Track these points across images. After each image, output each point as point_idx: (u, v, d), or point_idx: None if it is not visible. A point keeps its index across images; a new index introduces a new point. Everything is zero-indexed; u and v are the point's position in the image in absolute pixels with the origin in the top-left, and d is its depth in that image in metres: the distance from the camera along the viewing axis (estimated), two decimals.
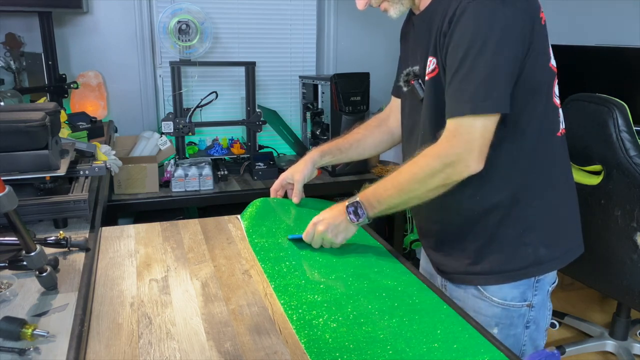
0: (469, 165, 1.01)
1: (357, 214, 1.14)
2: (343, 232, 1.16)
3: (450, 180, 1.04)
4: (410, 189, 1.08)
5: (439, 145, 1.05)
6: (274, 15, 2.78)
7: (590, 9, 3.29)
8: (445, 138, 1.04)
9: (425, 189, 1.07)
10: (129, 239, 1.25)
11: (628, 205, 1.81)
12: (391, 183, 1.11)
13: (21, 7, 2.13)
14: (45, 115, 1.24)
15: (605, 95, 1.90)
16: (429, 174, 1.05)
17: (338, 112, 2.40)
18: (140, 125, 2.64)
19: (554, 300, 1.23)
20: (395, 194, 1.10)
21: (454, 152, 1.02)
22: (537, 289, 1.17)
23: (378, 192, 1.13)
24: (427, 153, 1.06)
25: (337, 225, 1.15)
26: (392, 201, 1.11)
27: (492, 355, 0.83)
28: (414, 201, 1.11)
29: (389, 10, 1.16)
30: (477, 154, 1.01)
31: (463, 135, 1.01)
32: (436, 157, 1.04)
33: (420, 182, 1.06)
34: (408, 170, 1.08)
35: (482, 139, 1.01)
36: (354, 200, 1.15)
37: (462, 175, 1.03)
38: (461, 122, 1.01)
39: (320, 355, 0.82)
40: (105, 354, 0.81)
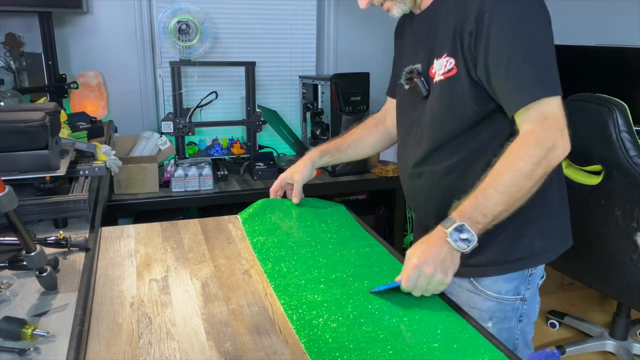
0: (565, 146, 1.00)
1: (465, 239, 0.99)
2: (452, 266, 0.99)
3: (551, 167, 1.00)
4: (519, 188, 1.00)
5: (533, 134, 1.00)
6: (274, 15, 2.78)
7: (590, 9, 3.29)
8: (536, 124, 1.00)
9: (532, 183, 1.00)
10: (129, 239, 1.25)
11: (628, 205, 1.81)
12: (493, 189, 1.00)
13: (21, 7, 2.13)
14: (45, 115, 1.24)
15: (605, 95, 1.90)
16: (535, 164, 0.98)
17: (338, 112, 2.40)
18: (140, 125, 2.64)
19: (554, 300, 1.24)
20: (502, 199, 1.00)
21: (552, 134, 0.99)
22: (529, 282, 1.19)
23: (479, 203, 1.00)
24: (521, 144, 1.00)
25: (443, 261, 0.98)
26: (497, 209, 1.00)
27: (492, 355, 0.83)
28: (519, 202, 1.02)
29: (391, 10, 1.17)
30: (566, 134, 1.00)
31: (552, 117, 1.00)
32: (537, 143, 0.99)
33: (527, 176, 0.99)
34: (510, 168, 1.00)
35: (564, 118, 1.01)
36: (455, 225, 0.99)
37: (559, 159, 1.00)
38: (544, 105, 1.00)
39: (320, 355, 0.82)
40: (105, 354, 0.81)
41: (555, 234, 1.21)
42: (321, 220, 1.39)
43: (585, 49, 2.87)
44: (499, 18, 1.00)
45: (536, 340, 2.51)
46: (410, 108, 1.23)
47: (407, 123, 1.26)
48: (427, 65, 1.15)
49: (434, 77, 1.13)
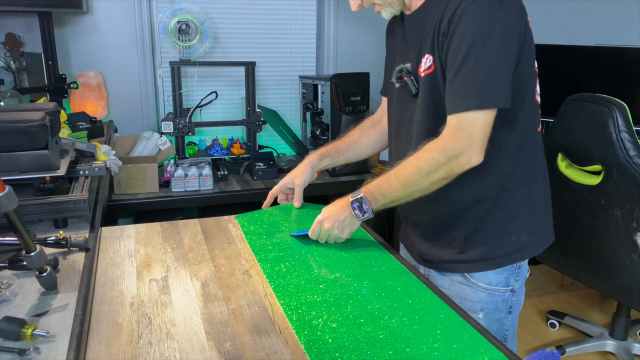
0: (471, 158, 1.06)
1: (362, 209, 1.17)
2: (348, 227, 1.20)
3: (453, 172, 1.08)
4: (415, 183, 1.11)
5: (442, 139, 1.08)
6: (274, 15, 2.78)
7: (590, 9, 3.29)
8: (449, 132, 1.07)
9: (429, 182, 1.10)
10: (129, 239, 1.26)
11: (628, 205, 1.81)
12: (395, 177, 1.14)
13: (21, 7, 2.13)
14: (45, 115, 1.24)
15: (605, 95, 1.90)
16: (434, 167, 1.08)
17: (338, 112, 2.40)
18: (140, 125, 2.64)
19: (554, 300, 1.25)
20: (400, 187, 1.13)
21: (458, 145, 1.05)
22: (518, 274, 1.23)
23: (382, 186, 1.16)
24: (431, 147, 1.09)
25: (342, 221, 1.19)
26: (396, 195, 1.15)
27: (492, 355, 0.83)
28: (417, 194, 1.14)
29: (381, 12, 1.22)
30: (479, 147, 1.06)
31: (466, 130, 1.05)
32: (441, 150, 1.07)
33: (424, 175, 1.09)
34: (412, 164, 1.11)
35: (483, 132, 1.06)
36: (359, 196, 1.17)
37: (464, 168, 1.07)
38: (464, 116, 1.05)
39: (320, 355, 0.82)
40: (105, 354, 0.82)
41: (540, 229, 1.25)
42: None
43: (585, 49, 2.87)
44: (464, 23, 1.04)
45: (536, 340, 2.52)
46: (401, 106, 1.27)
47: (397, 121, 1.30)
48: (416, 64, 1.19)
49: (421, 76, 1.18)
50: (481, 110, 1.04)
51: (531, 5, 1.14)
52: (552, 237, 1.29)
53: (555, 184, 2.05)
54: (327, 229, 1.20)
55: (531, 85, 1.15)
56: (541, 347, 2.46)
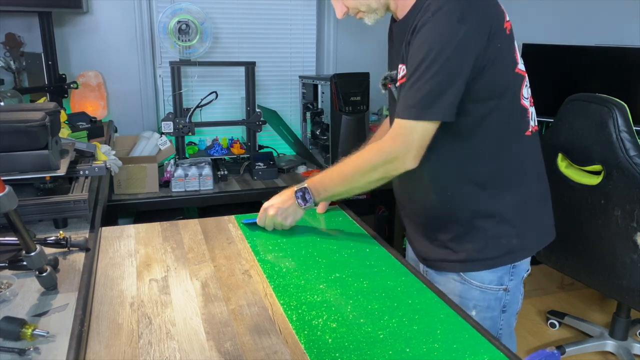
0: (405, 162, 1.12)
1: (305, 199, 1.25)
2: (292, 215, 1.28)
3: (389, 174, 1.16)
4: (353, 180, 1.20)
5: (382, 142, 1.15)
6: (274, 15, 2.77)
7: (590, 9, 3.29)
8: (389, 136, 1.14)
9: (366, 181, 1.18)
10: (129, 239, 1.26)
11: (628, 205, 1.81)
12: (337, 173, 1.23)
13: (21, 7, 2.13)
14: (45, 115, 1.24)
15: (605, 95, 1.90)
16: (371, 168, 1.16)
17: (338, 112, 2.40)
18: (140, 125, 2.64)
19: (554, 300, 1.25)
20: (340, 183, 1.22)
21: (394, 149, 1.13)
22: (513, 274, 1.24)
23: (325, 180, 1.24)
24: (371, 148, 1.18)
25: (286, 209, 1.27)
26: (336, 189, 1.23)
27: (492, 355, 0.83)
28: (356, 190, 1.22)
29: (364, 19, 1.25)
30: (414, 154, 1.12)
31: (403, 137, 1.12)
32: (378, 152, 1.15)
33: (362, 174, 1.18)
34: (353, 162, 1.20)
35: (420, 141, 1.11)
36: (302, 187, 1.25)
37: (398, 171, 1.14)
38: (404, 124, 1.11)
39: (320, 355, 0.82)
40: (105, 354, 0.82)
41: (533, 232, 1.25)
42: (319, 222, 1.39)
43: (585, 49, 2.87)
44: (422, 35, 1.08)
45: (536, 340, 2.52)
46: (391, 110, 1.31)
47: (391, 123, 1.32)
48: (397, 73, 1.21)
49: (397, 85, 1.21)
50: (420, 121, 1.09)
51: (532, 5, 1.14)
52: (550, 237, 1.29)
53: (555, 184, 2.05)
54: (271, 216, 1.27)
55: (512, 90, 1.14)
56: (541, 347, 2.46)
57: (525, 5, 3.02)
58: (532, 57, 2.69)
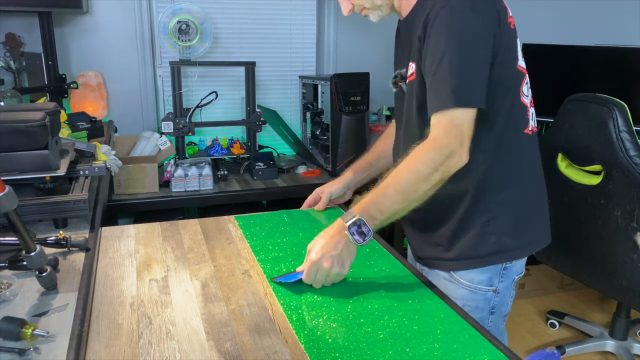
0: (462, 156, 1.04)
1: (362, 232, 1.03)
2: (348, 258, 1.04)
3: (449, 173, 1.05)
4: (415, 190, 1.04)
5: (436, 139, 1.04)
6: (274, 15, 2.77)
7: (590, 9, 3.29)
8: (442, 131, 1.04)
9: (428, 186, 1.04)
10: (129, 239, 1.26)
11: (628, 205, 1.81)
12: (392, 188, 1.04)
13: (21, 7, 2.13)
14: (45, 115, 1.24)
15: (605, 95, 1.90)
16: (433, 168, 1.02)
17: (338, 112, 2.40)
18: (140, 125, 2.64)
19: (554, 300, 1.24)
20: (399, 199, 1.04)
21: (453, 142, 1.03)
22: (503, 276, 1.22)
23: (378, 200, 1.05)
24: (425, 148, 1.04)
25: (340, 255, 1.02)
26: (395, 207, 1.05)
27: (491, 355, 0.83)
28: (414, 203, 1.06)
29: (369, 16, 1.25)
30: (467, 145, 1.05)
31: (458, 127, 1.04)
32: (438, 149, 1.03)
33: (424, 179, 1.03)
34: (408, 169, 1.04)
35: (469, 131, 1.05)
36: (354, 219, 1.03)
37: (457, 167, 1.05)
38: (453, 114, 1.04)
39: (320, 355, 0.82)
40: (105, 354, 0.82)
41: (526, 233, 1.23)
42: (319, 222, 1.39)
43: (585, 49, 2.87)
44: (437, 26, 1.05)
45: (536, 340, 2.52)
46: (400, 109, 1.29)
47: (398, 122, 1.33)
48: (406, 70, 1.21)
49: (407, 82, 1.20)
50: (466, 109, 1.04)
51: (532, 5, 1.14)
52: (545, 242, 1.27)
53: (555, 184, 2.05)
54: (326, 269, 1.01)
55: (513, 86, 1.14)
56: (541, 347, 2.46)
57: (525, 5, 3.02)
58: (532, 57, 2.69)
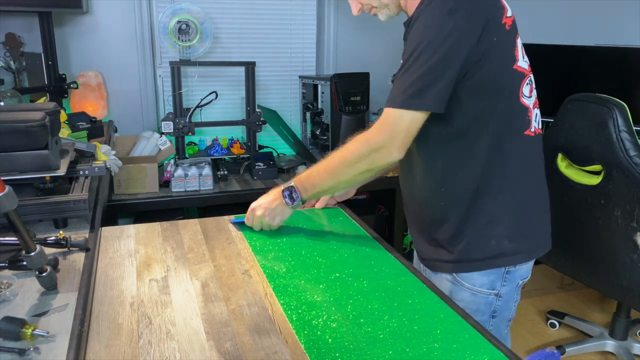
0: (391, 152, 1.11)
1: (292, 197, 1.25)
2: (279, 215, 1.28)
3: (375, 165, 1.14)
4: (340, 172, 1.18)
5: (368, 132, 1.14)
6: (274, 15, 2.77)
7: (590, 9, 3.29)
8: (375, 126, 1.13)
9: (354, 173, 1.17)
10: (129, 239, 1.26)
11: (628, 205, 1.81)
12: (323, 167, 1.21)
13: (21, 7, 2.13)
14: (45, 115, 1.24)
15: (605, 95, 1.90)
16: (357, 158, 1.14)
17: (338, 112, 2.40)
18: (140, 125, 2.64)
19: (554, 300, 1.24)
20: (327, 177, 1.21)
21: (380, 139, 1.11)
22: (506, 279, 1.22)
23: (312, 176, 1.23)
24: (358, 139, 1.16)
25: (273, 209, 1.27)
26: (324, 184, 1.22)
27: (491, 355, 0.83)
28: (343, 184, 1.24)
29: (377, 15, 1.27)
30: (400, 144, 1.11)
31: (390, 126, 1.11)
32: (365, 142, 1.14)
33: (349, 165, 1.16)
34: (339, 154, 1.18)
35: (406, 131, 1.10)
36: (289, 185, 1.26)
37: (385, 161, 1.13)
38: (391, 113, 1.11)
39: (320, 355, 0.82)
40: (105, 354, 0.82)
41: (527, 236, 1.22)
42: (319, 222, 1.39)
43: (585, 49, 2.86)
44: (415, 27, 1.10)
45: (536, 340, 2.52)
46: None
47: None
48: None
49: None
50: (407, 110, 1.08)
51: (532, 5, 1.14)
52: (546, 247, 1.26)
53: (555, 184, 2.05)
54: (259, 216, 1.27)
55: (509, 87, 1.13)
56: (541, 347, 2.46)
57: (526, 5, 3.02)
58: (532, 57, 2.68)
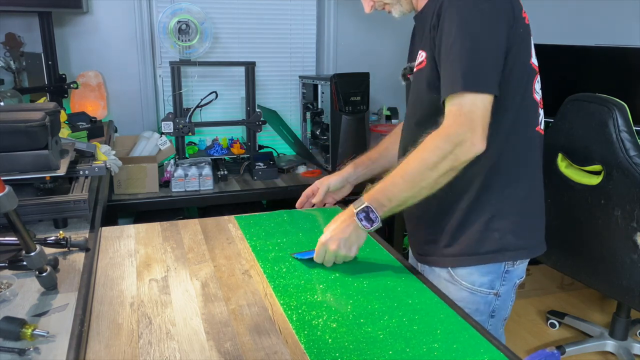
0: (475, 143, 1.02)
1: (370, 219, 1.09)
2: (356, 242, 1.12)
3: (460, 161, 1.03)
4: (422, 178, 1.05)
5: (445, 127, 1.04)
6: (274, 15, 2.77)
7: (590, 9, 3.29)
8: (452, 117, 1.03)
9: (437, 175, 1.04)
10: (129, 239, 1.26)
11: (628, 205, 1.81)
12: (400, 176, 1.07)
13: (21, 7, 2.13)
14: (45, 115, 1.24)
15: (605, 95, 1.90)
16: (441, 157, 1.03)
17: (338, 112, 2.40)
18: (140, 125, 2.64)
19: (554, 300, 1.24)
20: (407, 186, 1.07)
21: (462, 130, 1.01)
22: (505, 279, 1.21)
23: (386, 188, 1.09)
24: (432, 138, 1.05)
25: (348, 239, 1.11)
26: (403, 195, 1.08)
27: (491, 355, 0.83)
28: (424, 192, 1.07)
29: (391, 12, 1.24)
30: (481, 132, 1.02)
31: (467, 114, 1.02)
32: (445, 137, 1.03)
33: (431, 167, 1.04)
34: (416, 158, 1.06)
35: (483, 117, 1.02)
36: (363, 205, 1.09)
37: (469, 155, 1.03)
38: (463, 100, 1.02)
39: (320, 355, 0.82)
40: (105, 354, 0.82)
41: (529, 234, 1.21)
42: (319, 222, 1.39)
43: (585, 49, 2.87)
44: (449, 14, 1.05)
45: (536, 340, 2.52)
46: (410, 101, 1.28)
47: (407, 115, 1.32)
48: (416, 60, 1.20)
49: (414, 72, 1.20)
50: (478, 94, 1.02)
51: (531, 5, 1.14)
52: (542, 248, 1.25)
53: (555, 184, 2.05)
54: (333, 250, 1.10)
55: (524, 81, 1.13)
56: (541, 347, 2.46)
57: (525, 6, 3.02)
58: None
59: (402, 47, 1.19)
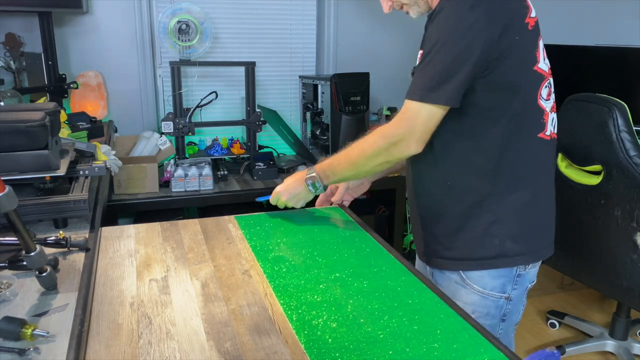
0: (409, 145, 1.13)
1: (315, 186, 1.32)
2: (302, 199, 1.37)
3: (393, 157, 1.17)
4: (360, 164, 1.22)
5: (387, 125, 1.16)
6: (274, 15, 2.78)
7: (590, 9, 3.29)
8: (394, 119, 1.15)
9: (373, 164, 1.20)
10: (129, 239, 1.25)
11: (628, 205, 1.81)
12: (344, 157, 1.25)
13: (21, 7, 2.13)
14: (45, 115, 1.24)
15: (605, 95, 1.90)
16: (376, 151, 1.17)
17: (338, 112, 2.40)
18: (140, 125, 2.64)
19: (554, 300, 1.24)
20: (347, 167, 1.25)
21: (398, 132, 1.13)
22: (517, 283, 1.22)
23: (333, 164, 1.28)
24: (377, 132, 1.18)
25: (297, 194, 1.35)
26: (344, 173, 1.27)
27: (492, 355, 0.83)
28: (362, 174, 1.32)
29: (409, 12, 1.26)
30: (418, 137, 1.12)
31: (408, 119, 1.12)
32: (383, 135, 1.16)
33: (368, 157, 1.19)
34: (359, 146, 1.21)
35: (424, 125, 1.11)
36: (313, 174, 1.31)
37: (402, 154, 1.15)
38: (410, 106, 1.12)
39: (320, 355, 0.82)
40: (105, 354, 0.82)
41: (531, 240, 1.21)
42: (319, 222, 1.39)
43: (585, 49, 2.87)
44: (436, 21, 1.10)
45: (536, 340, 2.52)
46: None
47: None
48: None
49: None
50: (425, 104, 1.09)
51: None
52: (548, 252, 1.26)
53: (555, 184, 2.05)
54: (284, 200, 1.36)
55: (527, 88, 1.12)
56: (541, 347, 2.46)
57: None
58: None
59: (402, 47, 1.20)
